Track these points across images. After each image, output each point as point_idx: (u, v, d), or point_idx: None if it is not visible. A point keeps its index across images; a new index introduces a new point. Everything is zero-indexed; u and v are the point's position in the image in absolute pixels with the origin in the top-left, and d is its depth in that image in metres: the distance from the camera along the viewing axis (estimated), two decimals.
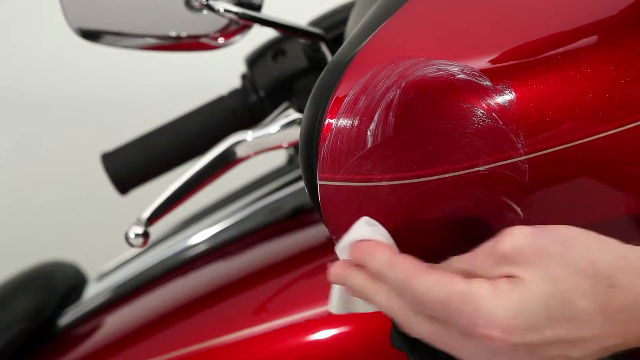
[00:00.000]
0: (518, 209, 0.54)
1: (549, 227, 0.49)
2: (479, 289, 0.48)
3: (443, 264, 0.53)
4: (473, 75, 0.53)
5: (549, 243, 0.48)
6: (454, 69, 0.53)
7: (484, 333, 0.47)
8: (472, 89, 0.53)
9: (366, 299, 0.54)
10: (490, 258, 0.49)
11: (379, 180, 0.55)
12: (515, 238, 0.49)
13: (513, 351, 0.47)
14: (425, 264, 0.52)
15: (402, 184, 0.55)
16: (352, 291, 0.56)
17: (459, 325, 0.48)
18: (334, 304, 0.59)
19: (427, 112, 0.53)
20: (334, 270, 0.56)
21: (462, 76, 0.53)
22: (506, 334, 0.47)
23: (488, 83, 0.53)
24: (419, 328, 0.51)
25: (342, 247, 0.56)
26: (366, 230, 0.55)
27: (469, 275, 0.50)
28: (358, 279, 0.54)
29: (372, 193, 0.55)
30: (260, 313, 0.82)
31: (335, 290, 0.59)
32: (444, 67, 0.53)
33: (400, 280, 0.51)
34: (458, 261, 0.52)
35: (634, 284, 0.47)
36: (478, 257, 0.50)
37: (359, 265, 0.55)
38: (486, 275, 0.49)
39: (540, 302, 0.47)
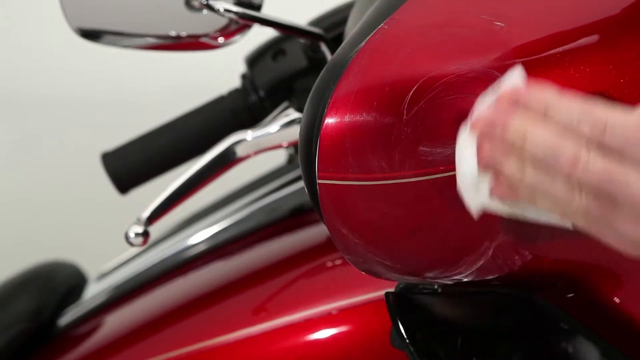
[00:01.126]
0: None
1: None
2: None
3: None
4: (474, 74, 0.53)
5: None
6: (455, 68, 0.53)
7: None
8: (472, 89, 0.53)
9: (524, 142, 0.46)
10: None
11: (379, 180, 0.55)
12: None
13: None
14: None
15: (402, 182, 0.55)
16: (502, 144, 0.47)
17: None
18: (471, 175, 0.49)
19: (428, 111, 0.53)
20: (483, 117, 0.48)
21: (462, 75, 0.53)
22: None
23: (489, 82, 0.53)
24: (592, 162, 0.45)
25: (488, 101, 0.48)
26: (513, 78, 0.49)
27: None
28: (517, 119, 0.47)
29: (372, 192, 0.55)
30: (260, 313, 0.82)
31: (466, 160, 0.49)
32: (444, 66, 0.53)
33: (578, 109, 0.46)
34: None
35: None
36: None
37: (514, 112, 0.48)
38: None
39: None
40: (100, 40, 0.80)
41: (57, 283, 1.06)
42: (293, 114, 0.79)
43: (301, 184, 0.94)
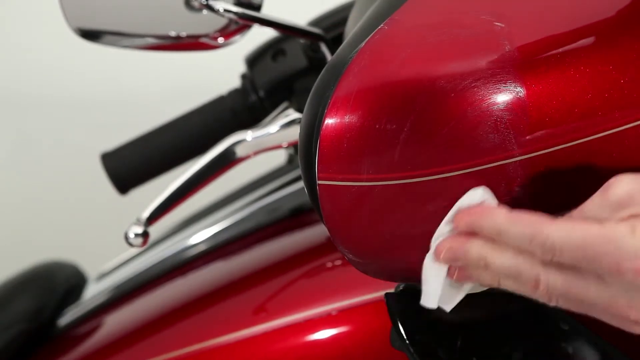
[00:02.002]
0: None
1: None
2: (615, 229, 0.47)
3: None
4: (474, 75, 0.53)
5: None
6: (455, 68, 0.53)
7: (632, 267, 0.46)
8: (473, 90, 0.53)
9: (486, 265, 0.51)
10: (605, 207, 0.48)
11: (379, 180, 0.55)
12: (624, 184, 0.48)
13: None
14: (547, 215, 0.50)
15: (402, 183, 0.55)
16: (466, 266, 0.52)
17: (601, 266, 0.47)
18: (435, 296, 0.54)
19: (429, 112, 0.53)
20: (444, 246, 0.53)
21: (462, 75, 0.53)
22: None
23: (489, 82, 0.53)
24: (551, 281, 0.49)
25: (447, 222, 0.53)
26: (470, 197, 0.53)
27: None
28: (474, 246, 0.51)
29: (372, 193, 0.55)
30: (260, 313, 0.82)
31: (433, 280, 0.54)
32: (444, 67, 0.53)
33: (527, 233, 0.49)
34: (571, 216, 0.50)
35: None
36: (590, 209, 0.49)
37: (471, 234, 0.52)
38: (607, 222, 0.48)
39: None
40: (99, 40, 0.80)
41: (57, 283, 1.06)
42: (293, 114, 0.79)
43: (301, 184, 0.94)
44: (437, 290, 0.54)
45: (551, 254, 0.48)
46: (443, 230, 0.54)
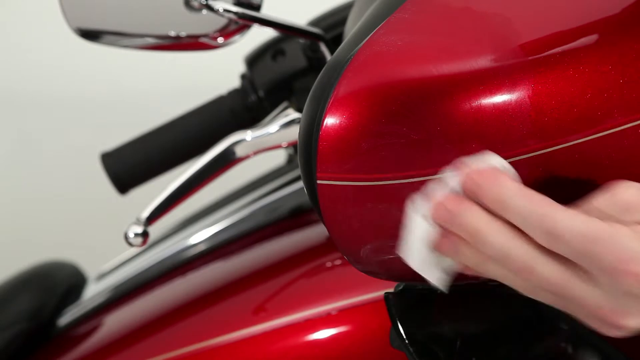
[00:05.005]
0: None
1: None
2: (621, 230, 0.46)
3: None
4: (474, 74, 0.53)
5: None
6: (455, 68, 0.53)
7: (631, 270, 0.45)
8: (472, 89, 0.53)
9: (477, 240, 0.48)
10: (612, 207, 0.47)
11: (379, 180, 0.55)
12: (632, 190, 0.47)
13: None
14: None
15: (402, 183, 0.55)
16: (459, 234, 0.49)
17: (600, 264, 0.45)
18: (416, 255, 0.51)
19: (428, 111, 0.53)
20: (440, 205, 0.49)
21: (462, 75, 0.53)
22: None
23: (488, 81, 0.53)
24: (546, 272, 0.47)
25: (450, 178, 0.49)
26: (486, 160, 0.49)
27: None
28: (473, 213, 0.48)
29: (372, 192, 0.55)
30: (260, 313, 0.82)
31: (417, 237, 0.51)
32: (444, 66, 0.53)
33: (536, 211, 0.46)
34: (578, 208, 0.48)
35: None
36: (596, 206, 0.48)
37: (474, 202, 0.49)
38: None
39: None
40: (99, 40, 0.80)
41: (57, 283, 1.06)
42: (292, 114, 0.79)
43: (301, 184, 0.94)
44: (419, 251, 0.51)
45: (555, 240, 0.46)
46: (447, 183, 0.50)
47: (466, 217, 0.48)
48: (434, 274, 0.52)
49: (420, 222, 0.51)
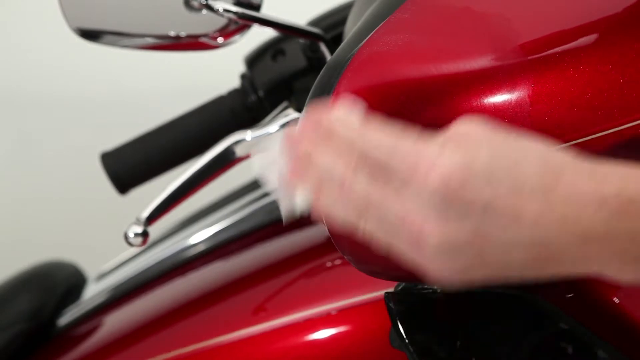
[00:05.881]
0: None
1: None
2: (427, 144, 0.47)
3: None
4: (474, 73, 0.53)
5: (500, 131, 0.47)
6: (454, 68, 0.53)
7: (426, 174, 0.45)
8: (472, 89, 0.53)
9: (309, 162, 0.50)
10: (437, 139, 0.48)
11: None
12: (465, 122, 0.47)
13: (448, 202, 0.45)
14: None
15: None
16: (296, 159, 0.51)
17: (400, 170, 0.46)
18: (278, 186, 0.54)
19: (428, 111, 0.53)
20: (290, 134, 0.52)
21: (462, 74, 0.53)
22: (447, 179, 0.45)
23: (487, 81, 0.53)
24: (356, 185, 0.48)
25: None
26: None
27: None
28: (307, 139, 0.50)
29: None
30: (260, 313, 0.82)
31: (277, 168, 0.54)
32: (443, 66, 0.53)
33: (351, 135, 0.49)
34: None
35: (576, 184, 0.45)
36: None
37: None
38: None
39: (486, 161, 0.45)
40: (99, 40, 0.80)
41: (57, 283, 1.06)
42: (292, 114, 0.79)
43: None
44: (275, 177, 0.54)
45: (362, 155, 0.48)
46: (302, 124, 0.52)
47: (303, 143, 0.50)
48: (289, 205, 0.53)
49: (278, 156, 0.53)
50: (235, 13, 0.76)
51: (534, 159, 0.46)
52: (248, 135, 0.79)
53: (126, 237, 0.80)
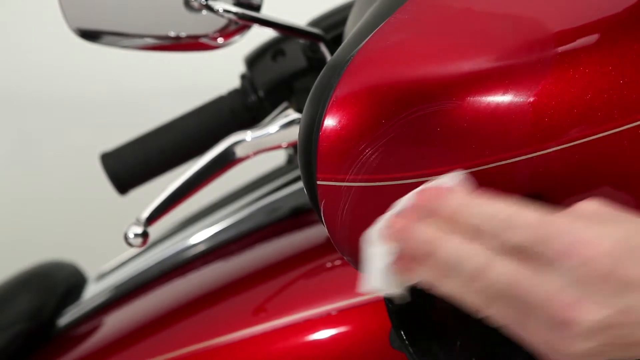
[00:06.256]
0: None
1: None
2: (571, 220, 0.45)
3: None
4: (474, 75, 0.53)
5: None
6: (455, 68, 0.53)
7: (582, 252, 0.44)
8: (472, 91, 0.53)
9: (430, 252, 0.48)
10: (571, 215, 0.46)
11: (379, 181, 0.55)
12: (590, 202, 0.47)
13: (605, 280, 0.44)
14: None
15: (402, 184, 0.55)
16: (410, 251, 0.49)
17: (553, 246, 0.45)
18: (375, 276, 0.50)
19: (429, 112, 0.53)
20: (394, 222, 0.49)
21: (463, 75, 0.53)
22: (603, 255, 0.44)
23: (489, 81, 0.53)
24: (500, 269, 0.46)
25: (408, 199, 0.49)
26: (444, 179, 0.50)
27: None
28: (424, 227, 0.48)
29: (371, 193, 0.55)
30: (260, 313, 0.82)
31: (376, 258, 0.50)
32: (444, 67, 0.53)
33: (485, 213, 0.47)
34: None
35: None
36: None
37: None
38: None
39: (633, 235, 0.44)
40: (99, 40, 0.80)
41: (57, 283, 1.06)
42: (292, 115, 0.79)
43: (301, 184, 0.94)
44: (378, 272, 0.50)
45: (509, 231, 0.46)
46: (396, 212, 0.51)
47: (419, 231, 0.49)
48: (394, 292, 0.52)
49: (378, 244, 0.51)
50: (235, 13, 0.76)
51: None
52: (248, 135, 0.79)
53: (126, 237, 0.80)
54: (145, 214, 0.80)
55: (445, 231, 0.48)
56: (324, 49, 0.84)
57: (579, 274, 0.44)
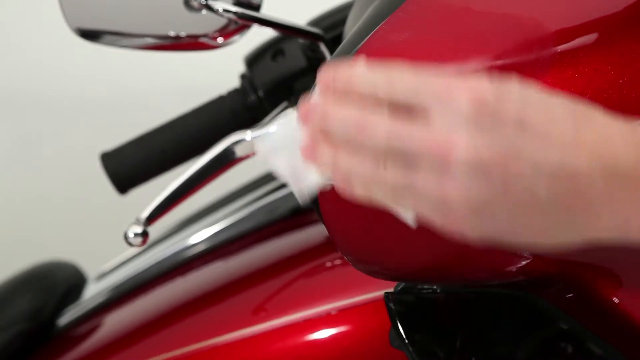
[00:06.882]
0: None
1: None
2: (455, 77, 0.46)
3: None
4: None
5: None
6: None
7: (460, 94, 0.44)
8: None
9: (329, 120, 0.47)
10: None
11: None
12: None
13: (481, 115, 0.44)
14: None
15: None
16: (316, 129, 0.49)
17: (433, 94, 0.45)
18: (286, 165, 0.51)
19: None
20: (302, 108, 0.49)
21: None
22: (482, 93, 0.44)
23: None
24: (380, 127, 0.46)
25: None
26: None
27: None
28: (322, 104, 0.48)
29: None
30: (260, 313, 0.82)
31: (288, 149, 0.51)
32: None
33: (370, 79, 0.47)
34: None
35: (608, 122, 0.46)
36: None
37: None
38: None
39: (519, 88, 0.45)
40: (99, 40, 0.80)
41: (57, 283, 1.06)
42: (292, 114, 0.79)
43: None
44: (290, 161, 0.51)
45: (388, 89, 0.46)
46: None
47: (315, 110, 0.48)
48: (303, 183, 0.51)
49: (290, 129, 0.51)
50: (235, 13, 0.76)
51: (566, 101, 0.46)
52: (248, 135, 0.79)
53: (126, 237, 0.80)
54: (145, 213, 0.80)
55: (336, 102, 0.48)
56: (323, 48, 0.84)
57: (457, 114, 0.44)
